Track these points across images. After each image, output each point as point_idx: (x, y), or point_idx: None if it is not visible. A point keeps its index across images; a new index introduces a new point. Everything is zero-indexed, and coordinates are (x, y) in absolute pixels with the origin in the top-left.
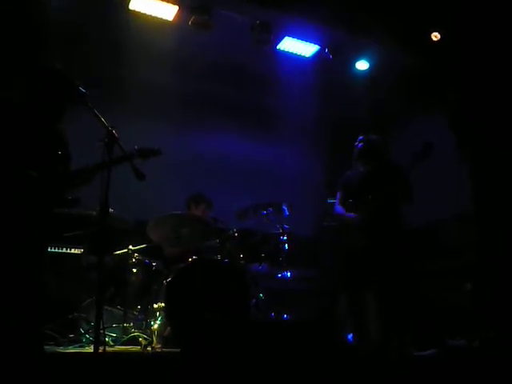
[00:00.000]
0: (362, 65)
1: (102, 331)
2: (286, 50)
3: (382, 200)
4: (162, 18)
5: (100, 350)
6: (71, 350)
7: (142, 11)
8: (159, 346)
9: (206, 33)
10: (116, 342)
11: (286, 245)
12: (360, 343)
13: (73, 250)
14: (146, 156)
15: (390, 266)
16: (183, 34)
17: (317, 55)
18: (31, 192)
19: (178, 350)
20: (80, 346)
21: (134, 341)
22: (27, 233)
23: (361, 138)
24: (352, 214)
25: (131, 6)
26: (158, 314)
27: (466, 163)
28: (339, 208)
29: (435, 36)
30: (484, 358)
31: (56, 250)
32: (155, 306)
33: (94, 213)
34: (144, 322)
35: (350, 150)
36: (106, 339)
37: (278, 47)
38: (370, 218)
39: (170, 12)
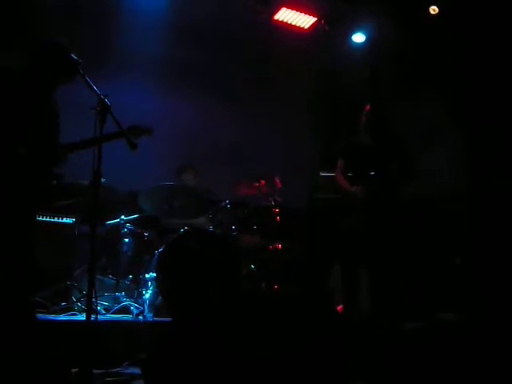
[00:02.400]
0: (359, 37)
1: (93, 300)
2: (283, 20)
3: (384, 179)
4: None
5: (92, 319)
6: (63, 318)
7: None
8: (150, 314)
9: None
10: (108, 310)
11: (278, 217)
12: (350, 315)
13: (65, 220)
14: (138, 134)
15: (386, 244)
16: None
17: (314, 27)
18: (17, 162)
19: (169, 319)
20: (72, 315)
21: (125, 309)
22: (12, 202)
23: (369, 107)
24: (353, 189)
25: None
26: (149, 283)
27: (462, 143)
28: (341, 177)
29: (433, 10)
30: (472, 332)
31: (48, 219)
32: (147, 275)
33: (87, 183)
34: (136, 292)
35: (344, 124)
36: (98, 308)
37: (275, 18)
38: (371, 197)
39: None
